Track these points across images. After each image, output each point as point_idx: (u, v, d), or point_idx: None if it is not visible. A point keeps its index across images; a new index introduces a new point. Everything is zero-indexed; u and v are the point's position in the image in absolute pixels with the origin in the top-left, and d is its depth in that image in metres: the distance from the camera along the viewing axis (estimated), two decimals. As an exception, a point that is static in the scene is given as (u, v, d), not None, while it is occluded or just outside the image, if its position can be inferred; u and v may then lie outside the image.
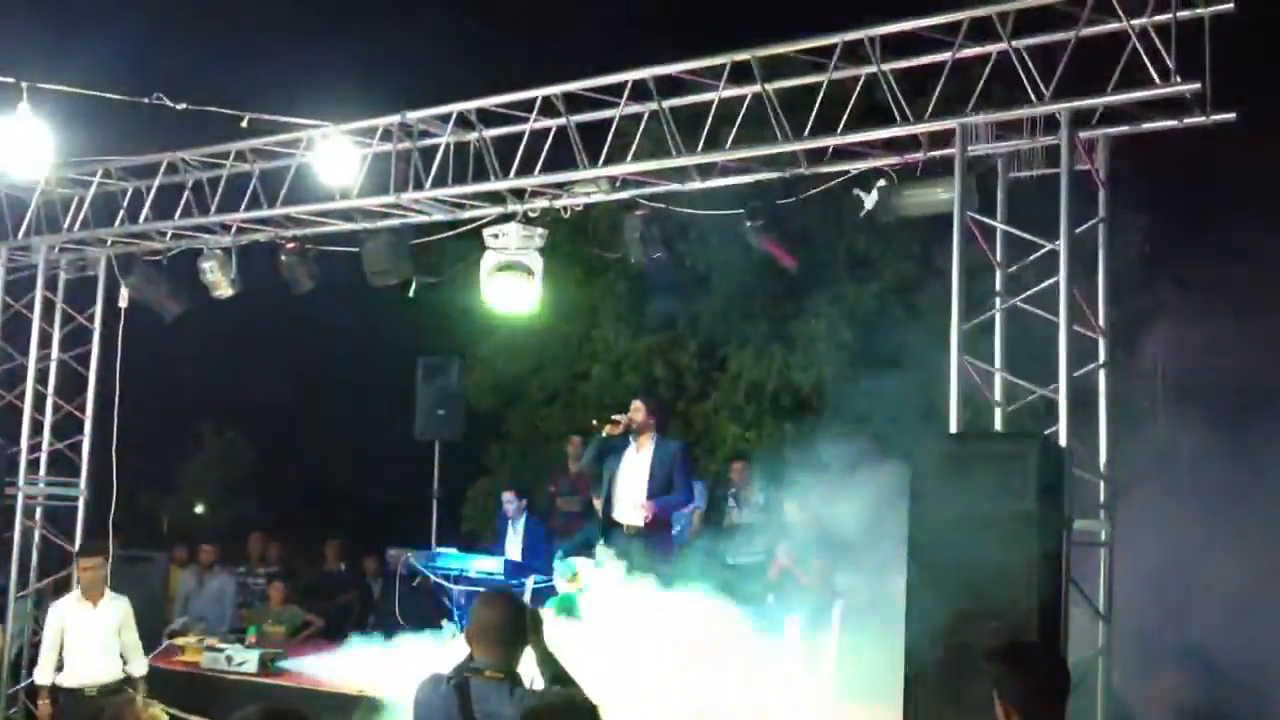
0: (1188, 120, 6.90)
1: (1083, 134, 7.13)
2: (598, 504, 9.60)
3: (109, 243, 10.81)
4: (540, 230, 9.19)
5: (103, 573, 9.00)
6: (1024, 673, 4.09)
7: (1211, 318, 8.90)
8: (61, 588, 10.79)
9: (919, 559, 6.41)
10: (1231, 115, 6.81)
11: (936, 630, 6.19)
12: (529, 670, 4.41)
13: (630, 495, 9.14)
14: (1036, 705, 3.94)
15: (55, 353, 10.96)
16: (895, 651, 6.53)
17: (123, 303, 10.69)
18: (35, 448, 10.81)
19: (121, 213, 10.45)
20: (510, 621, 4.36)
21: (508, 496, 11.38)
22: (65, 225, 10.72)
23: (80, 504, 10.84)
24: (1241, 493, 7.54)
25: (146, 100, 8.84)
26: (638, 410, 9.35)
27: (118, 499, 10.51)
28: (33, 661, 10.63)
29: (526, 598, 9.39)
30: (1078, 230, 6.93)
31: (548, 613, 7.37)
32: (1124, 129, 7.22)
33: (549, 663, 4.41)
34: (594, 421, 9.73)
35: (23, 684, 10.53)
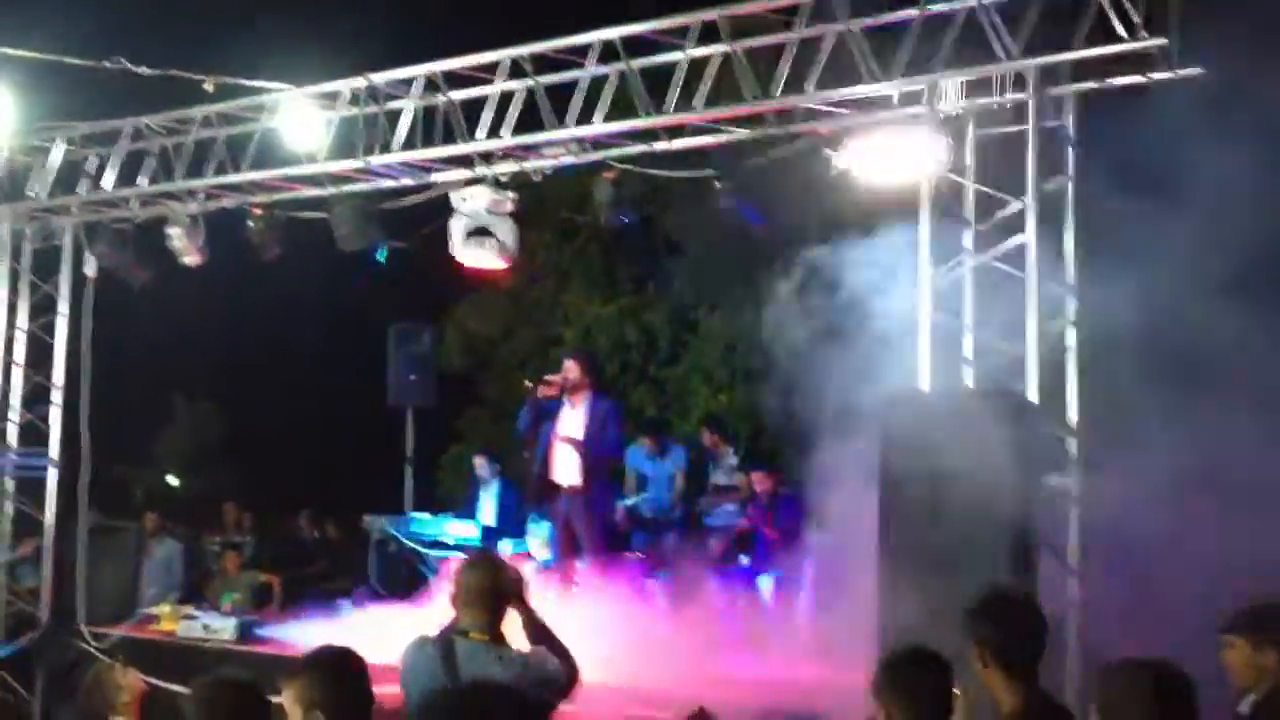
0: (1155, 75, 6.92)
1: (1051, 91, 7.14)
2: (534, 467, 9.56)
3: (74, 211, 10.69)
4: (511, 194, 9.13)
5: None
6: (1002, 623, 4.12)
7: (1180, 274, 8.94)
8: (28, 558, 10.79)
9: (890, 517, 6.46)
10: (1198, 70, 6.83)
11: (909, 588, 6.24)
12: (514, 631, 4.44)
13: (568, 456, 9.14)
14: (1016, 655, 3.97)
15: (23, 323, 10.87)
16: (868, 610, 6.59)
17: (90, 271, 10.59)
18: (3, 418, 10.73)
19: (86, 180, 10.33)
20: (494, 583, 4.38)
21: (479, 461, 11.38)
22: (29, 193, 10.60)
23: (51, 474, 10.78)
24: (1211, 447, 7.60)
25: (108, 64, 8.72)
26: (571, 370, 9.33)
27: (90, 469, 10.45)
28: (8, 634, 10.63)
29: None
30: (1046, 187, 6.96)
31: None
32: (1092, 85, 7.23)
33: (534, 624, 4.44)
34: (527, 384, 9.65)
35: (-1, 653, 10.52)
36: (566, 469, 9.15)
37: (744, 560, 9.44)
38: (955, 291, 7.31)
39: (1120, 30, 6.63)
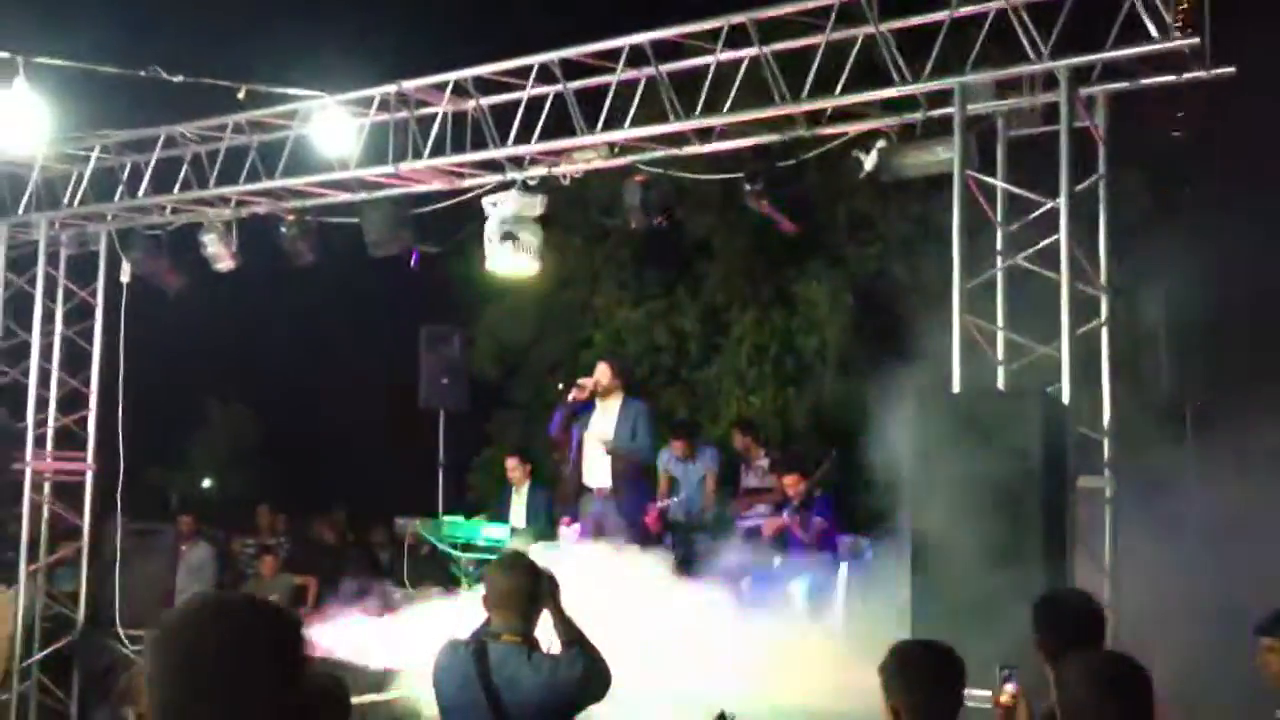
0: (1187, 75, 6.88)
1: (1082, 91, 7.11)
2: (567, 470, 9.59)
3: (109, 218, 10.81)
4: (540, 198, 9.16)
5: None
6: (1057, 616, 4.15)
7: (1214, 272, 8.90)
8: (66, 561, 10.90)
9: (923, 518, 6.44)
10: (1231, 70, 6.79)
11: (942, 589, 6.23)
12: (547, 634, 4.45)
13: (599, 458, 9.16)
14: (1072, 645, 3.97)
15: (59, 329, 10.98)
16: (902, 611, 6.58)
17: (125, 278, 10.70)
18: (41, 423, 10.85)
19: (121, 187, 10.43)
20: (526, 586, 4.39)
21: (511, 464, 11.39)
22: (65, 201, 10.71)
23: (88, 478, 10.90)
24: (1244, 448, 7.56)
25: (142, 73, 8.81)
26: (603, 373, 9.36)
27: (125, 473, 10.55)
28: (45, 635, 10.74)
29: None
30: (1078, 188, 6.93)
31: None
32: (1123, 85, 7.20)
33: (567, 627, 4.45)
34: (559, 387, 9.70)
35: (35, 657, 10.62)
36: (598, 471, 9.18)
37: (776, 563, 9.42)
38: (988, 293, 7.29)
39: (1152, 30, 6.59)
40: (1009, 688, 4.06)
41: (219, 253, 10.26)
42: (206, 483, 25.49)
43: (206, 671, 1.90)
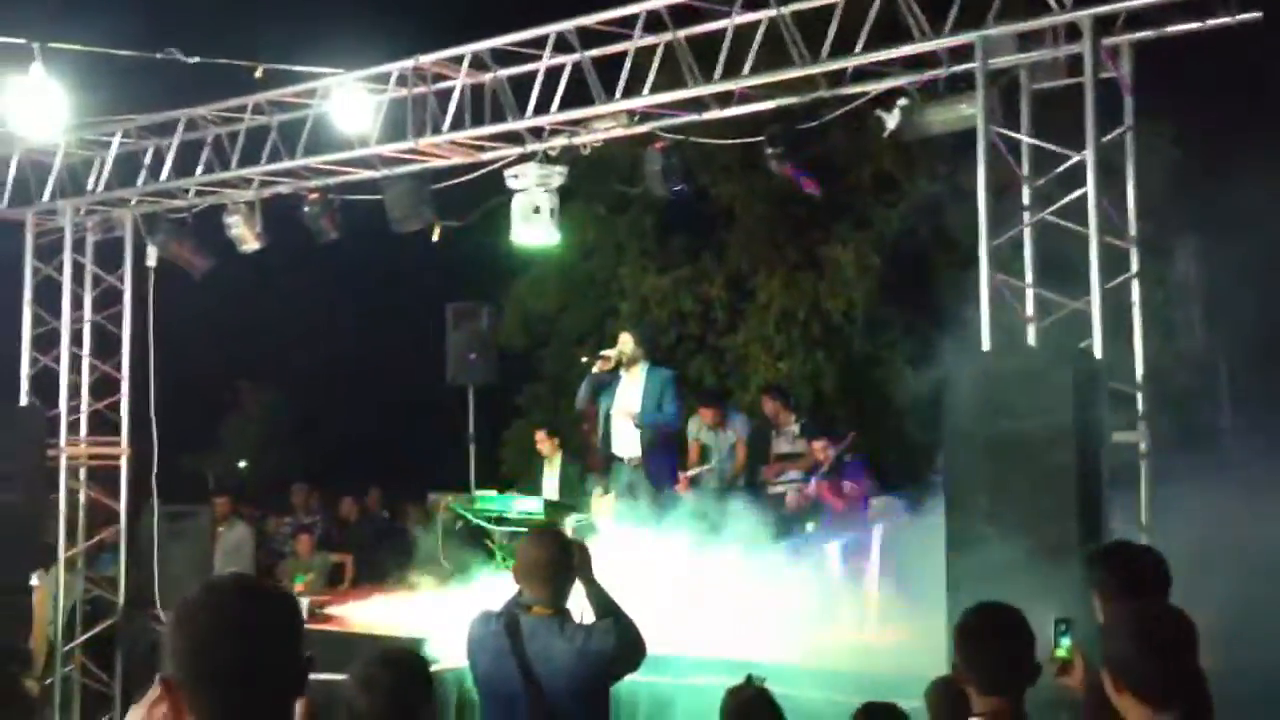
0: (1212, 22, 6.77)
1: (1106, 41, 7.00)
2: (595, 441, 9.59)
3: (133, 202, 10.83)
4: (559, 168, 9.12)
5: None
6: (1124, 570, 4.11)
7: (1244, 223, 8.78)
8: (106, 546, 10.99)
9: (956, 478, 6.40)
10: (1258, 15, 6.67)
11: (977, 550, 6.19)
12: (579, 605, 4.45)
13: (626, 427, 9.14)
14: (1134, 597, 3.92)
15: (88, 314, 11.04)
16: (937, 573, 6.54)
17: (151, 261, 10.73)
18: (74, 409, 10.92)
19: (144, 171, 10.46)
20: (557, 558, 4.38)
21: (539, 437, 11.41)
22: (89, 187, 10.75)
23: (123, 462, 10.97)
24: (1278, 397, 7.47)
25: (159, 56, 8.80)
26: (626, 342, 9.34)
27: (159, 456, 10.62)
28: (86, 619, 10.85)
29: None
30: (1104, 139, 6.84)
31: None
32: (1148, 33, 7.08)
33: (599, 597, 4.44)
34: (584, 358, 9.69)
35: (78, 640, 10.73)
36: (626, 441, 9.17)
37: (809, 528, 9.40)
38: (1016, 249, 7.22)
39: (1177, -25, 6.49)
40: (1065, 641, 4.02)
41: (244, 234, 10.28)
42: (241, 464, 25.66)
43: (222, 651, 2.08)
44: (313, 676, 2.24)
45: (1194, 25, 6.89)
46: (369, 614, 9.76)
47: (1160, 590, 4.08)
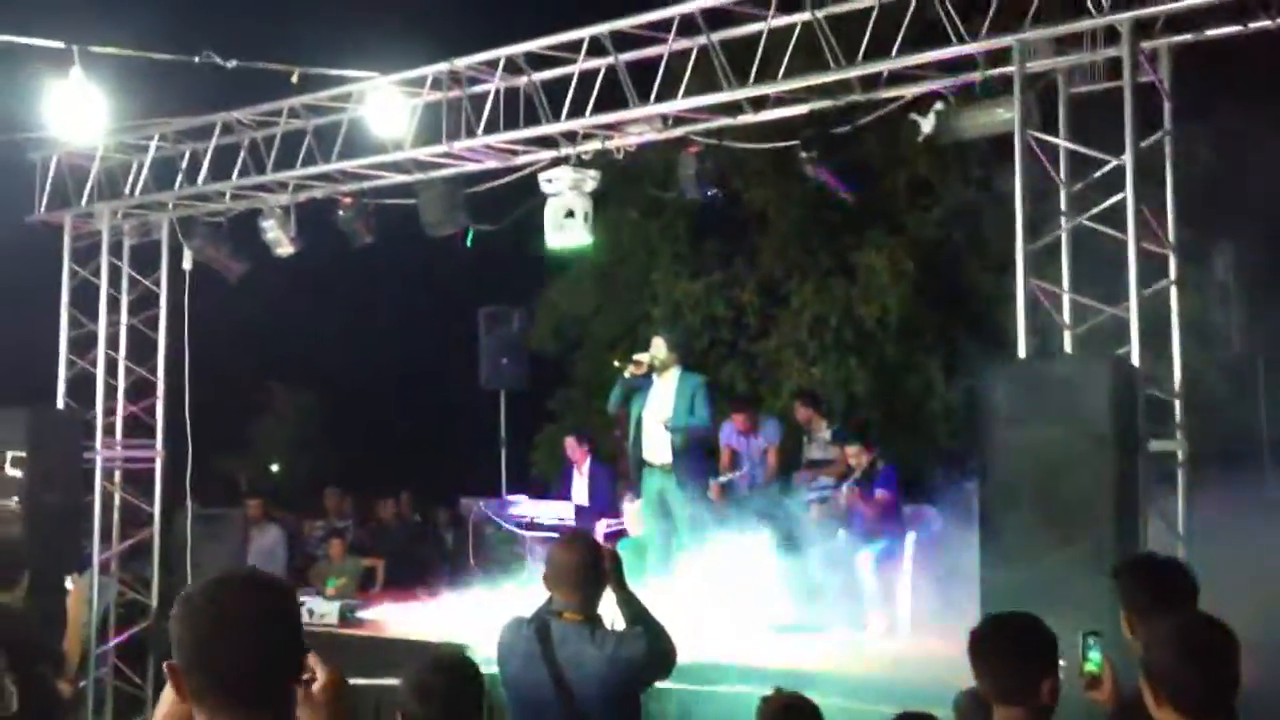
0: (1253, 25, 6.69)
1: (1145, 44, 6.93)
2: (627, 446, 9.57)
3: (170, 206, 10.90)
4: (593, 172, 9.11)
5: None
6: (1150, 584, 4.05)
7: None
8: (140, 550, 11.04)
9: (992, 486, 6.35)
10: (1301, 18, 6.60)
11: (1012, 559, 6.13)
12: (610, 611, 4.43)
13: (658, 432, 9.11)
14: (1163, 609, 3.87)
15: (124, 318, 11.11)
16: (970, 581, 6.49)
17: (187, 265, 10.80)
18: (110, 412, 10.99)
19: (180, 175, 10.52)
20: (588, 563, 4.36)
21: (570, 443, 11.41)
22: (126, 190, 10.82)
23: (157, 465, 11.04)
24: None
25: (196, 59, 8.85)
26: (659, 347, 9.30)
27: (194, 459, 10.67)
28: (121, 622, 10.92)
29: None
30: (1143, 144, 6.77)
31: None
32: (1187, 37, 7.01)
33: (630, 604, 4.42)
34: (615, 363, 9.63)
35: (111, 643, 10.80)
36: (658, 447, 9.14)
37: (841, 535, 9.35)
38: (1053, 255, 7.15)
39: (1216, -21, 6.42)
40: (1094, 655, 3.96)
41: (279, 238, 10.32)
42: (274, 467, 25.79)
43: (222, 641, 2.23)
44: (351, 681, 2.28)
45: (1234, 29, 6.81)
46: (403, 618, 9.78)
47: (1188, 603, 4.02)
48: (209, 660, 2.23)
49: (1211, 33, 6.94)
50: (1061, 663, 3.76)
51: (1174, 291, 7.02)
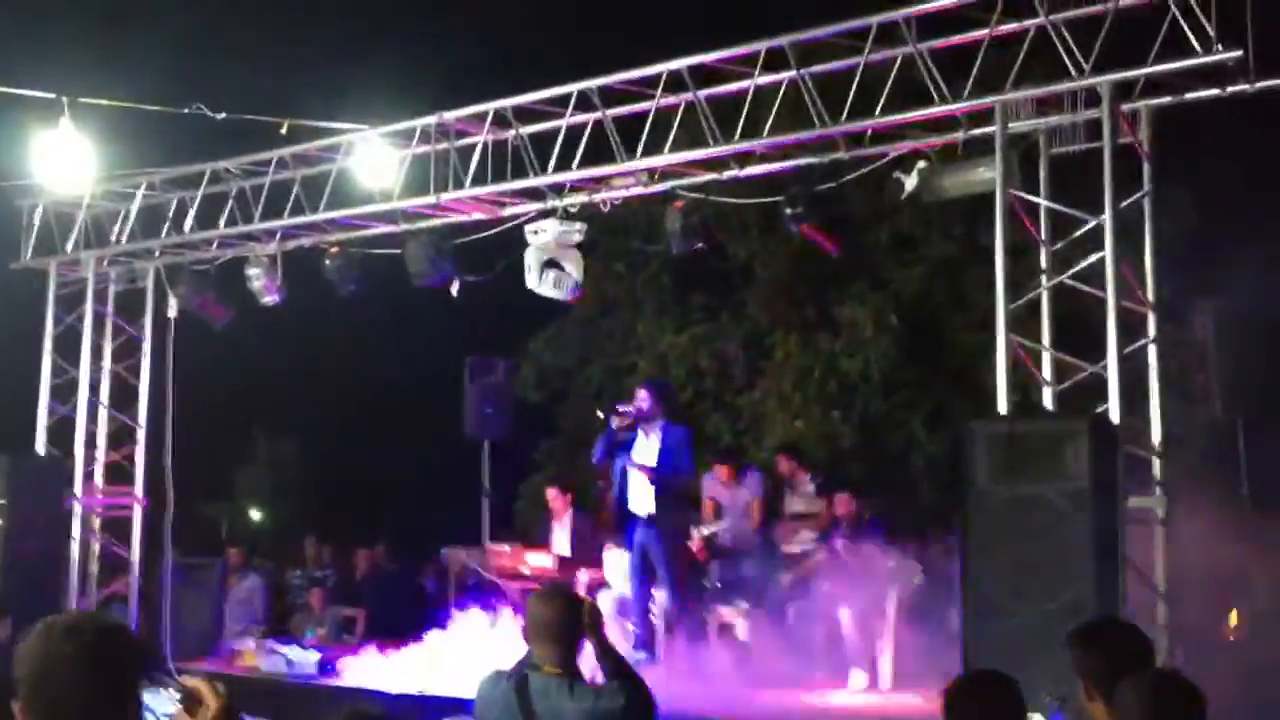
0: (1231, 89, 6.80)
1: (1125, 106, 7.04)
2: (610, 497, 9.56)
3: (156, 254, 10.93)
4: (579, 225, 9.18)
5: None
6: (1103, 650, 4.03)
7: (1264, 290, 8.77)
8: (119, 598, 10.96)
9: (972, 541, 6.37)
10: (1277, 82, 6.70)
11: (993, 613, 6.15)
12: (590, 665, 4.42)
13: (642, 485, 9.12)
14: (1122, 674, 3.86)
15: (107, 364, 11.10)
16: (952, 636, 6.50)
17: (172, 313, 10.79)
18: (90, 459, 10.95)
19: (167, 224, 10.55)
20: (566, 617, 4.35)
21: (551, 494, 11.38)
22: (112, 238, 10.85)
23: (137, 512, 10.98)
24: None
25: (186, 111, 8.92)
26: (643, 399, 9.31)
27: (174, 506, 10.62)
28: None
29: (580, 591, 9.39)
30: (1123, 204, 6.86)
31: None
32: (1167, 100, 7.12)
33: (609, 656, 4.41)
34: (600, 414, 9.61)
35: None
36: (641, 498, 9.14)
37: (824, 588, 9.33)
38: (1034, 313, 7.22)
39: (1195, 43, 6.52)
40: (1058, 718, 3.96)
41: (264, 287, 10.35)
42: (255, 515, 25.65)
43: (56, 679, 2.49)
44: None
45: (1212, 92, 6.92)
46: (382, 669, 9.71)
47: (1146, 665, 4.01)
48: (42, 694, 2.49)
49: (1191, 95, 7.04)
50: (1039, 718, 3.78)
51: (1153, 350, 7.08)
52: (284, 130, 9.33)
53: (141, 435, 11.02)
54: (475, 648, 9.01)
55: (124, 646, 2.61)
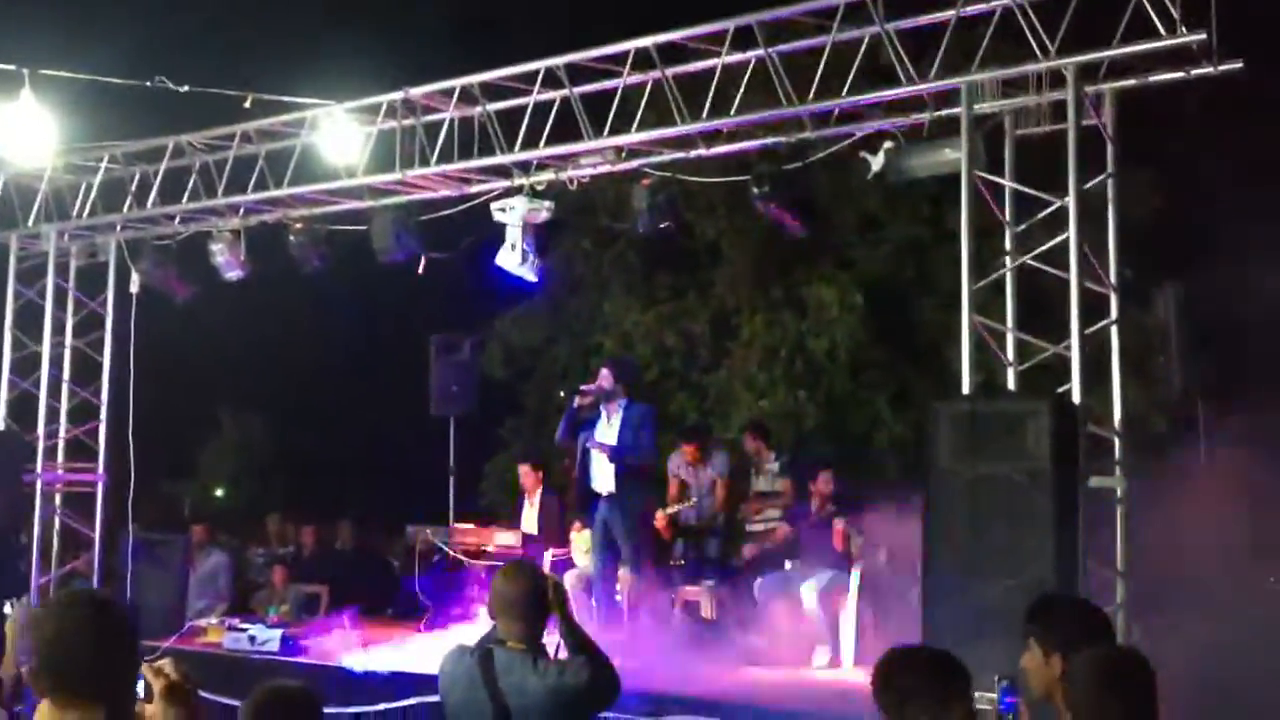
0: (1195, 71, 6.85)
1: (1089, 88, 7.07)
2: (574, 475, 9.56)
3: (118, 228, 10.83)
4: (547, 203, 9.15)
5: None
6: (1061, 618, 4.05)
7: (1226, 270, 8.86)
8: (80, 575, 10.90)
9: (935, 520, 6.42)
10: (1239, 65, 6.75)
11: (954, 591, 6.20)
12: (553, 640, 4.43)
13: (604, 463, 9.13)
14: (1078, 645, 3.87)
15: (69, 339, 11.00)
16: (915, 613, 6.55)
17: (134, 288, 10.71)
18: (52, 434, 10.88)
19: (129, 198, 10.46)
20: (531, 593, 4.37)
21: (523, 470, 11.37)
22: (74, 212, 10.74)
23: (99, 488, 10.91)
24: (1256, 447, 7.52)
25: (149, 83, 8.83)
26: (605, 378, 9.31)
27: (136, 483, 10.56)
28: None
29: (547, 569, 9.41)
30: (1086, 186, 6.90)
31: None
32: (1131, 82, 7.16)
33: (573, 633, 4.43)
34: (561, 393, 9.62)
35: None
36: (604, 477, 9.16)
37: (788, 566, 9.38)
38: (998, 293, 7.26)
39: (1159, 26, 6.56)
40: (1009, 700, 3.96)
41: (227, 262, 10.28)
42: (219, 492, 25.53)
43: (63, 649, 2.72)
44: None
45: (1177, 74, 6.96)
46: (346, 646, 9.69)
47: (1102, 633, 4.03)
48: (54, 666, 2.71)
49: (1155, 78, 7.08)
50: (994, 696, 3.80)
51: (1114, 331, 7.14)
52: (248, 104, 9.25)
53: (104, 411, 10.93)
54: (440, 624, 9.03)
55: (130, 621, 2.85)
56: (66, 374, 10.98)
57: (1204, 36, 6.51)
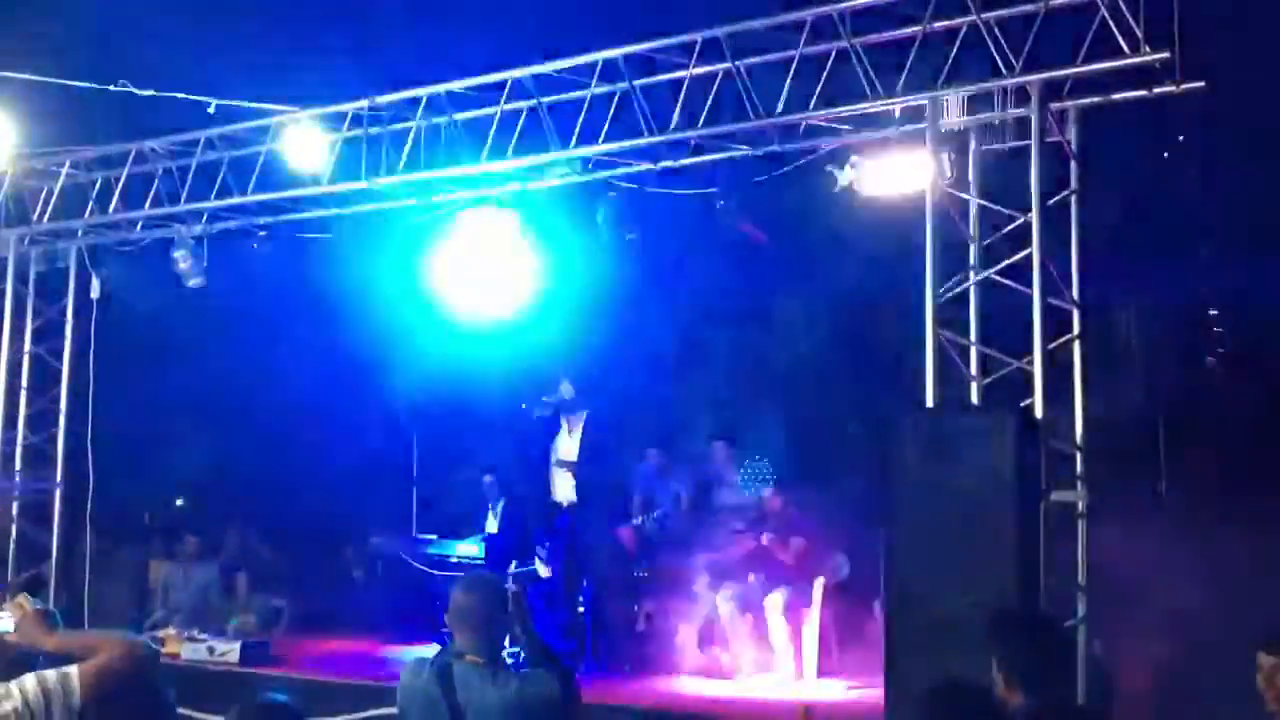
0: (1158, 90, 6.91)
1: (1053, 105, 7.12)
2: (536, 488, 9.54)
3: (79, 234, 10.72)
4: (514, 213, 9.13)
5: None
6: (1018, 640, 4.05)
7: (1186, 288, 8.94)
8: (38, 584, 10.76)
9: (897, 533, 6.43)
10: (1201, 84, 6.82)
11: (916, 604, 6.21)
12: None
13: (564, 475, 9.12)
14: (1035, 670, 3.90)
15: (27, 345, 10.88)
16: (876, 627, 6.56)
17: (95, 294, 10.61)
18: (9, 442, 10.74)
19: (91, 203, 10.35)
20: (489, 605, 4.34)
21: (487, 480, 11.35)
22: (34, 217, 10.62)
23: (57, 497, 10.78)
24: (1216, 463, 7.59)
25: (112, 88, 8.75)
26: (566, 389, 9.31)
27: (94, 492, 10.44)
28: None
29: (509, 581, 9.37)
30: (1050, 202, 6.95)
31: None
32: (1094, 100, 7.22)
33: (533, 645, 4.40)
34: (523, 405, 9.60)
35: (2, 679, 10.48)
36: (565, 488, 9.14)
37: (751, 579, 9.38)
38: (961, 307, 7.29)
39: (1123, 45, 6.62)
40: None
41: (190, 269, 10.20)
42: (179, 501, 25.27)
43: None
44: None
45: (1140, 93, 7.02)
46: (306, 657, 9.63)
47: (1059, 657, 4.02)
48: None
49: (1118, 96, 7.14)
50: None
51: (1077, 346, 7.18)
52: (212, 110, 9.18)
53: (62, 419, 10.81)
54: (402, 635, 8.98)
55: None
56: (25, 381, 10.84)
57: (1166, 55, 6.57)
